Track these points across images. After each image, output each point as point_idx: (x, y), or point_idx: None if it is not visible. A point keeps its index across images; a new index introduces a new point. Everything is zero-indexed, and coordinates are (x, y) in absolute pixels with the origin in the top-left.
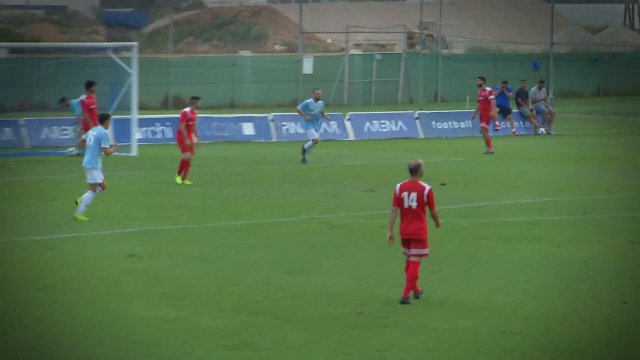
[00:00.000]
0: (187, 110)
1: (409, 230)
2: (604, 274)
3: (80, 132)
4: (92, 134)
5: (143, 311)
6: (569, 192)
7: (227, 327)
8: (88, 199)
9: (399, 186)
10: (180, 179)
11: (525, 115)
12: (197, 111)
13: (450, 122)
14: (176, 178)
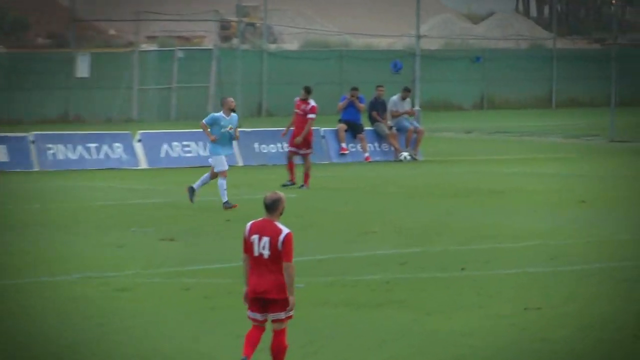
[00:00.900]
0: None
1: (262, 288)
2: (486, 354)
3: None
4: None
5: None
6: (440, 240)
7: None
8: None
9: (249, 226)
10: None
11: (383, 134)
12: None
13: (278, 145)
14: None
